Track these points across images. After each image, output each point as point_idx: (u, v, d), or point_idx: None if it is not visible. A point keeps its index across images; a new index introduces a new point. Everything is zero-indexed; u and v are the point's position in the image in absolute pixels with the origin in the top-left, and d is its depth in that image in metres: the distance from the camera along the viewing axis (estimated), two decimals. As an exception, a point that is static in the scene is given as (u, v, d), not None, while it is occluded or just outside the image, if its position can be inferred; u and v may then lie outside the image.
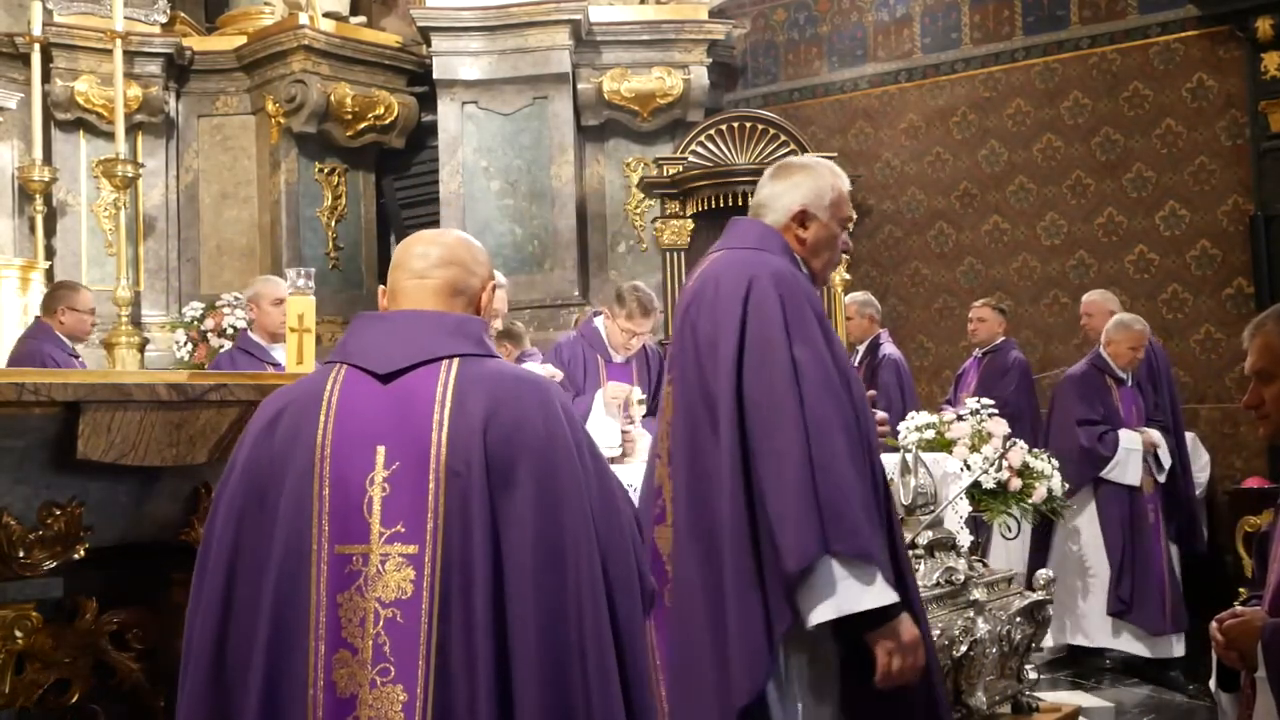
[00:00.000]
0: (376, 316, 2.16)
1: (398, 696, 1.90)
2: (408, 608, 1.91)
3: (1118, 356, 6.51)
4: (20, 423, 1.71)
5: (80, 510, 1.80)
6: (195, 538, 1.98)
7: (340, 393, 2.01)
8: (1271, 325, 2.43)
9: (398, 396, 2.00)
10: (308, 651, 1.90)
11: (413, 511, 1.94)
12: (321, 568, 1.92)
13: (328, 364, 2.10)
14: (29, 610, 1.77)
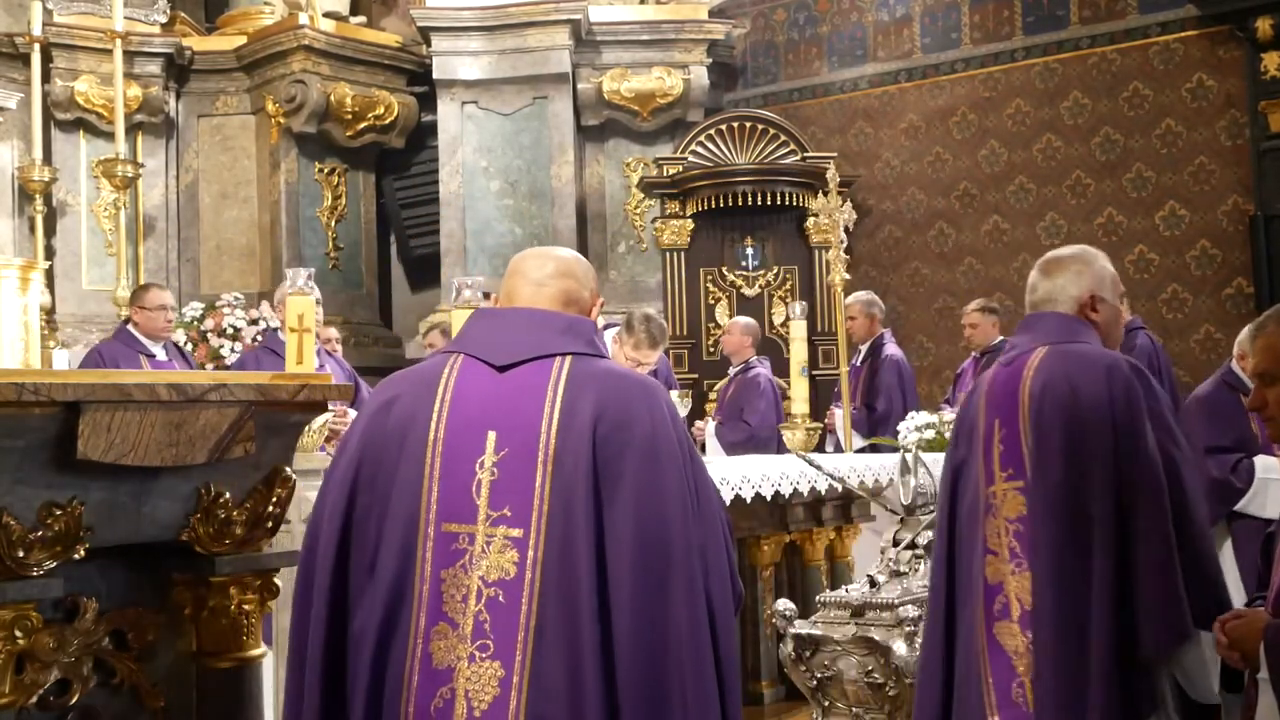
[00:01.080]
0: (495, 312, 2.31)
1: (495, 672, 1.98)
2: (510, 588, 2.00)
3: None
4: (20, 423, 1.71)
5: (80, 510, 1.80)
6: (195, 537, 1.99)
7: (457, 379, 2.12)
8: (1273, 326, 2.43)
9: (512, 387, 2.11)
10: (410, 622, 2.00)
11: (520, 497, 2.03)
12: (428, 544, 2.02)
13: (445, 352, 2.21)
14: (29, 610, 1.77)
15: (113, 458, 1.81)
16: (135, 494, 1.90)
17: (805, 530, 4.69)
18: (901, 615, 3.59)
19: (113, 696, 1.95)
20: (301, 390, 2.12)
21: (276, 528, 2.14)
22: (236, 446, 1.99)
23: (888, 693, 3.59)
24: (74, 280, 8.60)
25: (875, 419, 6.80)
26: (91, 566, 1.90)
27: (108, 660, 1.93)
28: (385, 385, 2.24)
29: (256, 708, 2.11)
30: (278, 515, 2.13)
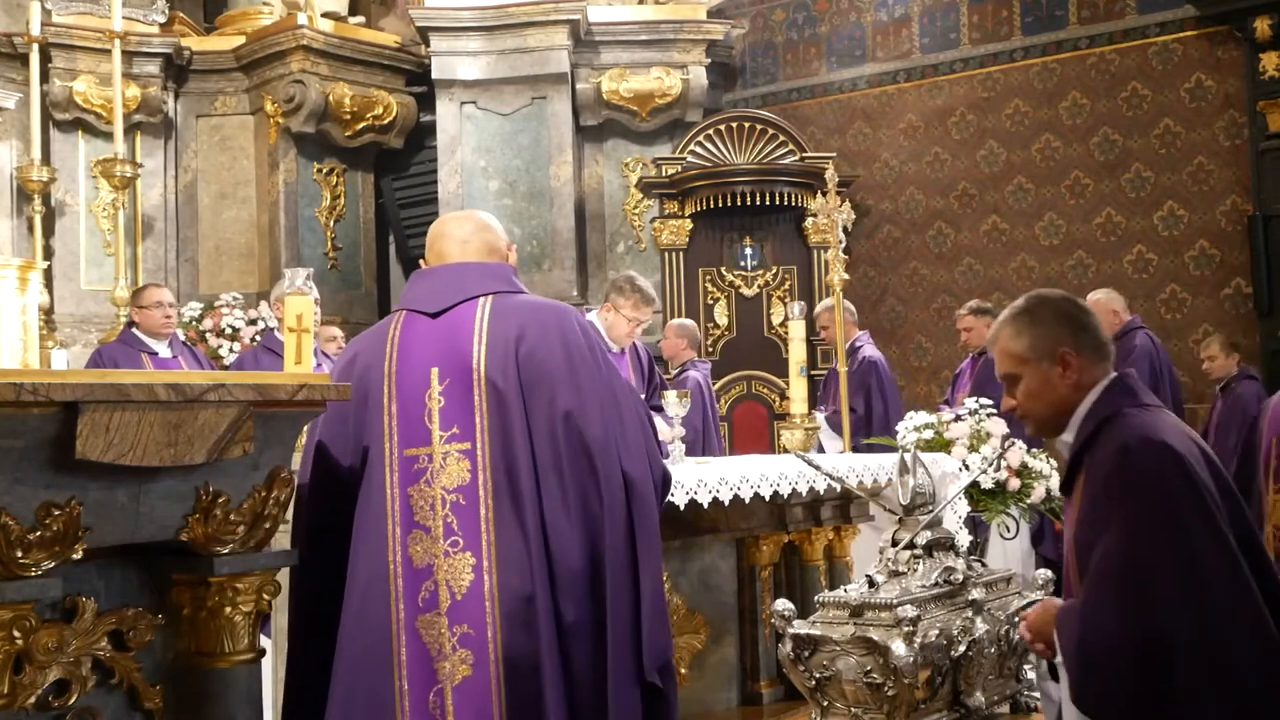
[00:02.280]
0: (429, 271, 2.72)
1: (468, 561, 2.42)
2: (468, 492, 2.44)
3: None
4: (19, 423, 1.71)
5: (79, 510, 1.79)
6: (193, 538, 1.99)
7: (400, 331, 2.57)
8: (1005, 331, 2.59)
9: (445, 327, 2.56)
10: (385, 535, 2.43)
11: (464, 417, 2.47)
12: (394, 467, 2.47)
13: (393, 313, 2.66)
14: (27, 610, 1.77)
15: (111, 458, 1.81)
16: (134, 494, 1.90)
17: (804, 530, 4.69)
18: (900, 615, 3.59)
19: (111, 696, 1.95)
20: (300, 390, 2.12)
21: (275, 528, 2.14)
22: (235, 446, 1.99)
23: (886, 693, 3.59)
24: (72, 280, 8.60)
25: (855, 421, 6.81)
26: (90, 567, 1.90)
27: (106, 660, 1.93)
28: (348, 348, 2.69)
29: (255, 707, 2.11)
30: (276, 515, 2.13)
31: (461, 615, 2.40)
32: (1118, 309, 7.10)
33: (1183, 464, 2.33)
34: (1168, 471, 2.33)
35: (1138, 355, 6.87)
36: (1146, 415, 2.47)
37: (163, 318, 6.34)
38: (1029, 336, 2.59)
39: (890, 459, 4.72)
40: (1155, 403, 2.54)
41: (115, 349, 6.38)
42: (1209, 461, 2.42)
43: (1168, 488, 2.32)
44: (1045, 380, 2.57)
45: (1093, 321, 2.60)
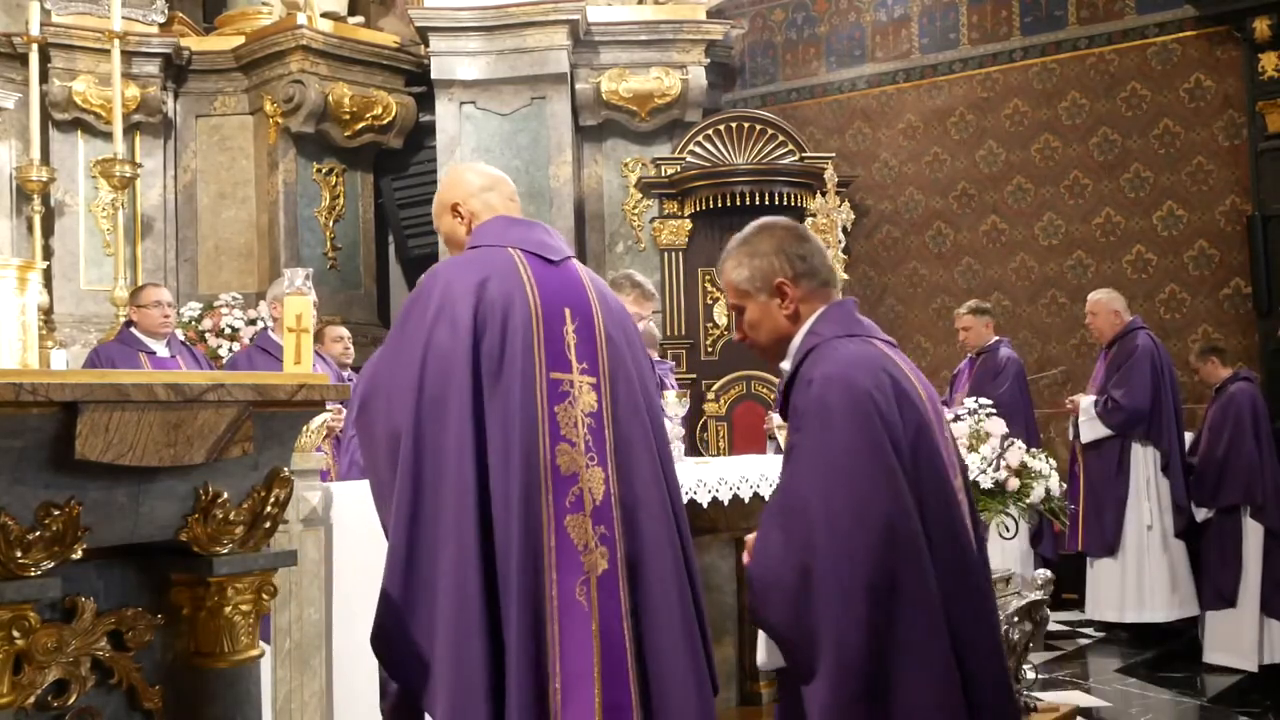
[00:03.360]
0: (524, 221, 3.10)
1: (599, 474, 2.84)
2: (596, 418, 2.87)
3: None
4: (18, 423, 1.71)
5: (78, 510, 1.79)
6: (193, 538, 1.99)
7: (532, 270, 2.91)
8: (728, 264, 2.68)
9: (566, 276, 2.98)
10: (538, 450, 2.77)
11: (591, 356, 2.91)
12: (543, 387, 2.82)
13: (497, 247, 2.94)
14: (27, 610, 1.77)
15: (110, 458, 1.81)
16: (133, 494, 1.90)
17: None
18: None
19: (111, 696, 1.95)
20: (300, 390, 2.12)
21: (275, 528, 2.14)
22: (234, 446, 1.99)
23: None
24: (72, 280, 8.59)
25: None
26: (89, 567, 1.90)
27: (105, 660, 1.93)
28: (463, 266, 2.90)
29: (254, 708, 2.11)
30: (276, 515, 2.12)
31: (599, 518, 2.80)
32: (1119, 309, 7.11)
33: (859, 399, 2.36)
34: (840, 406, 2.37)
35: (1139, 355, 6.88)
36: (848, 346, 2.50)
37: (161, 317, 6.34)
38: (748, 268, 2.64)
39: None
40: (866, 332, 2.59)
41: (113, 348, 6.39)
42: (906, 399, 2.44)
43: (836, 422, 2.36)
44: (765, 310, 2.62)
45: (812, 251, 2.65)
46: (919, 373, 2.63)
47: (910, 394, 2.47)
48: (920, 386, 2.53)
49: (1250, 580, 6.39)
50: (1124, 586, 6.91)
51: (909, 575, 2.30)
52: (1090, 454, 7.04)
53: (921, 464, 2.40)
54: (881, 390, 2.40)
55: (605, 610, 2.76)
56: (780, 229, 2.68)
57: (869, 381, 2.41)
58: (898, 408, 2.41)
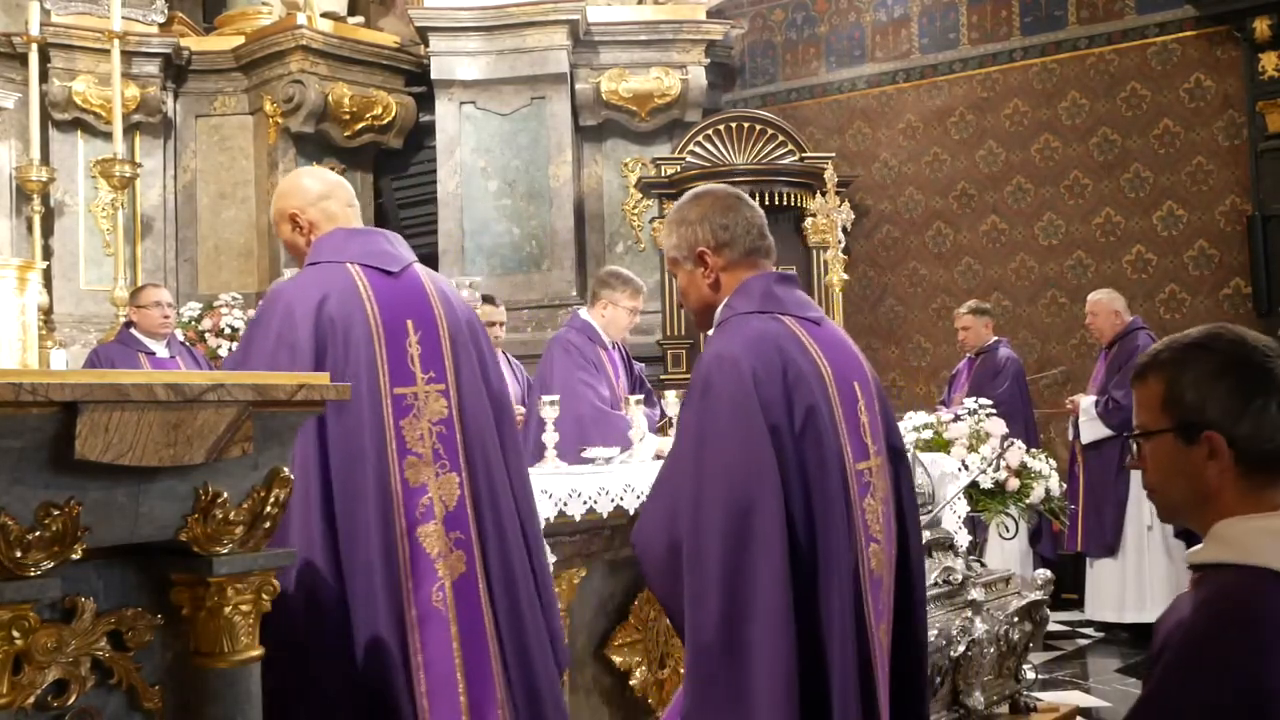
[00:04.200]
0: (362, 231, 3.08)
1: (453, 480, 2.87)
2: (448, 424, 2.89)
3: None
4: (18, 423, 1.71)
5: (78, 510, 1.79)
6: (193, 538, 1.99)
7: (370, 283, 2.90)
8: (664, 231, 2.80)
9: (405, 286, 2.96)
10: (387, 466, 2.79)
11: (437, 363, 2.92)
12: (387, 404, 2.81)
13: (335, 264, 2.91)
14: (26, 610, 1.77)
15: (110, 458, 1.81)
16: (133, 494, 1.89)
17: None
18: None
19: (110, 697, 1.94)
20: (300, 390, 2.11)
21: (275, 528, 2.14)
22: (234, 446, 1.99)
23: (886, 693, 3.58)
24: (71, 280, 8.59)
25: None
26: (89, 567, 1.90)
27: (105, 661, 1.93)
28: (303, 287, 2.87)
29: (254, 708, 2.11)
30: (276, 515, 2.12)
31: (453, 524, 2.85)
32: (1119, 309, 7.11)
33: (738, 379, 2.39)
34: (719, 384, 2.41)
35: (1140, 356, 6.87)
36: (751, 323, 2.52)
37: (161, 318, 6.33)
38: (675, 235, 2.68)
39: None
40: (779, 308, 2.57)
41: (113, 349, 6.39)
42: (802, 380, 2.44)
43: (712, 399, 2.41)
44: (690, 279, 2.67)
45: (737, 220, 2.64)
46: (847, 352, 2.63)
47: (808, 375, 2.47)
48: (827, 367, 2.52)
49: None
50: (1124, 586, 6.92)
51: (765, 551, 2.32)
52: (1090, 454, 7.04)
53: (808, 444, 2.42)
54: (767, 371, 2.42)
55: (464, 613, 2.79)
56: (709, 197, 2.70)
57: (754, 361, 2.42)
58: (787, 388, 2.42)
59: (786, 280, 2.66)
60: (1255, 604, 1.60)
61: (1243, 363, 1.78)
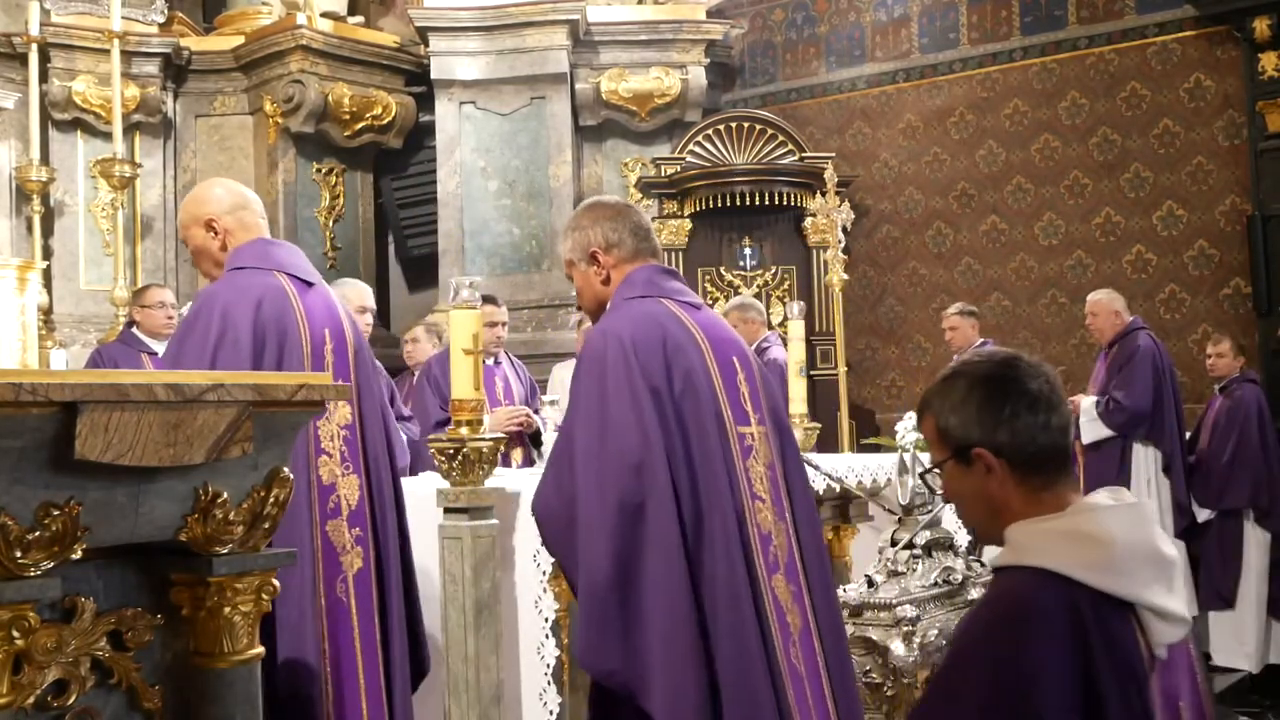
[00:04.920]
0: (280, 243, 3.33)
1: (354, 481, 3.08)
2: (352, 430, 3.11)
3: None
4: (18, 423, 1.71)
5: (78, 510, 1.79)
6: (192, 538, 1.99)
7: (297, 292, 3.13)
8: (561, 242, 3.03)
9: (320, 298, 3.19)
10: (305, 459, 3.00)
11: (344, 373, 3.13)
12: None
13: (263, 270, 3.11)
14: (26, 610, 1.77)
15: (110, 458, 1.81)
16: (133, 494, 1.89)
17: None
18: (899, 615, 3.59)
19: (110, 696, 1.94)
20: (300, 390, 2.11)
21: (274, 528, 2.14)
22: (234, 446, 1.99)
23: (885, 693, 3.59)
24: (71, 280, 8.59)
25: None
26: (89, 567, 1.90)
27: (105, 660, 1.93)
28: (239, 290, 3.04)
29: (254, 708, 2.11)
30: (276, 515, 2.12)
31: (354, 521, 3.05)
32: (1119, 309, 7.10)
33: (622, 351, 2.66)
34: (601, 355, 2.69)
35: (1141, 356, 6.86)
36: (635, 305, 2.81)
37: (165, 318, 6.32)
38: (571, 240, 2.96)
39: (890, 459, 4.71)
40: (661, 293, 2.85)
41: (115, 349, 6.38)
42: (680, 350, 2.72)
43: (596, 369, 2.68)
44: (585, 278, 2.95)
45: (623, 224, 2.92)
46: (724, 332, 2.91)
47: (686, 345, 2.74)
48: (705, 340, 2.79)
49: (1249, 581, 6.39)
50: None
51: (655, 495, 2.57)
52: (1091, 455, 7.03)
53: (687, 404, 2.69)
54: (647, 341, 2.69)
55: (363, 603, 3.02)
56: (599, 206, 3.01)
57: (633, 333, 2.70)
58: (666, 356, 2.69)
59: (668, 272, 2.97)
60: (1026, 602, 1.73)
61: (985, 380, 1.93)
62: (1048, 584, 1.74)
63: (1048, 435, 1.90)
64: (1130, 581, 1.75)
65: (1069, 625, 1.69)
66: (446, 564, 3.39)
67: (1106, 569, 1.74)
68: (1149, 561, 1.78)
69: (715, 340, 2.83)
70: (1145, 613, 1.77)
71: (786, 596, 2.69)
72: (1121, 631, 1.74)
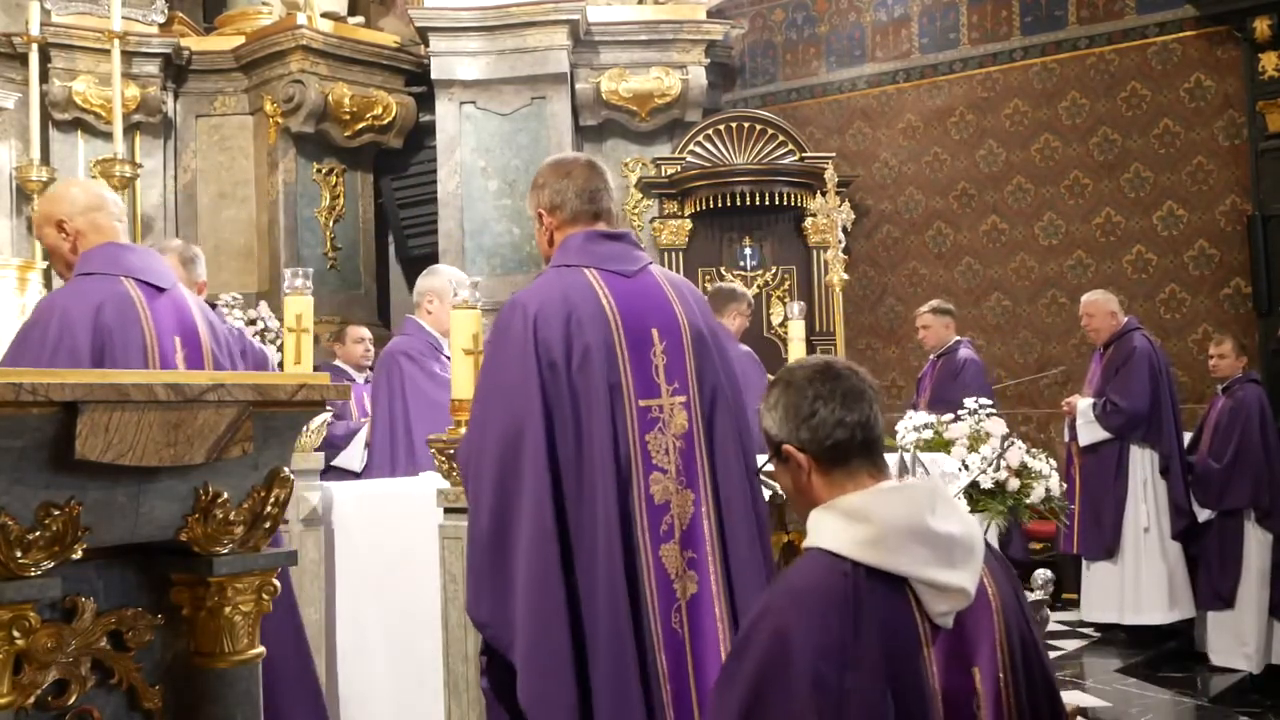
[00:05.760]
0: (133, 247, 3.30)
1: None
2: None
3: None
4: (18, 423, 1.71)
5: (78, 510, 1.79)
6: (193, 538, 1.99)
7: (145, 299, 3.13)
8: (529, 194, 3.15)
9: (172, 302, 3.22)
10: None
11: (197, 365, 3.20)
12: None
13: (110, 275, 3.11)
14: (27, 610, 1.77)
15: (110, 458, 1.81)
16: (133, 494, 1.89)
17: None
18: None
19: (111, 696, 1.95)
20: (300, 390, 2.11)
21: (275, 528, 2.14)
22: (235, 446, 1.99)
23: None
24: (72, 280, 8.58)
25: None
26: (89, 567, 1.90)
27: (106, 660, 1.93)
28: (79, 296, 3.05)
29: (254, 708, 2.11)
30: (276, 515, 2.12)
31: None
32: (1114, 310, 7.09)
33: (525, 320, 2.82)
34: (506, 324, 2.87)
35: (1138, 357, 6.85)
36: (555, 274, 2.94)
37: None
38: (531, 197, 3.09)
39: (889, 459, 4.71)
40: (586, 262, 2.94)
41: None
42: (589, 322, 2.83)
43: (499, 336, 2.87)
44: (539, 235, 3.08)
45: (567, 186, 3.00)
46: (653, 302, 2.95)
47: (591, 319, 2.85)
48: (616, 313, 2.88)
49: (1250, 582, 6.39)
50: (1122, 589, 6.90)
51: (531, 460, 2.74)
52: (1088, 456, 7.02)
53: (580, 378, 2.81)
54: (550, 314, 2.82)
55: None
56: (554, 165, 3.08)
57: (539, 307, 2.84)
58: (568, 331, 2.82)
59: (607, 236, 2.99)
60: (805, 578, 1.94)
61: (793, 385, 2.09)
62: (827, 562, 1.93)
63: (844, 430, 2.04)
64: (899, 557, 1.91)
65: (841, 598, 1.88)
66: (447, 564, 3.38)
67: (874, 546, 1.92)
68: (919, 539, 1.91)
69: (632, 312, 2.90)
70: (920, 586, 1.91)
71: (677, 564, 2.80)
72: (894, 603, 1.90)
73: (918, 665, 1.90)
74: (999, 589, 2.03)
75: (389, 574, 3.76)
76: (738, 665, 1.93)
